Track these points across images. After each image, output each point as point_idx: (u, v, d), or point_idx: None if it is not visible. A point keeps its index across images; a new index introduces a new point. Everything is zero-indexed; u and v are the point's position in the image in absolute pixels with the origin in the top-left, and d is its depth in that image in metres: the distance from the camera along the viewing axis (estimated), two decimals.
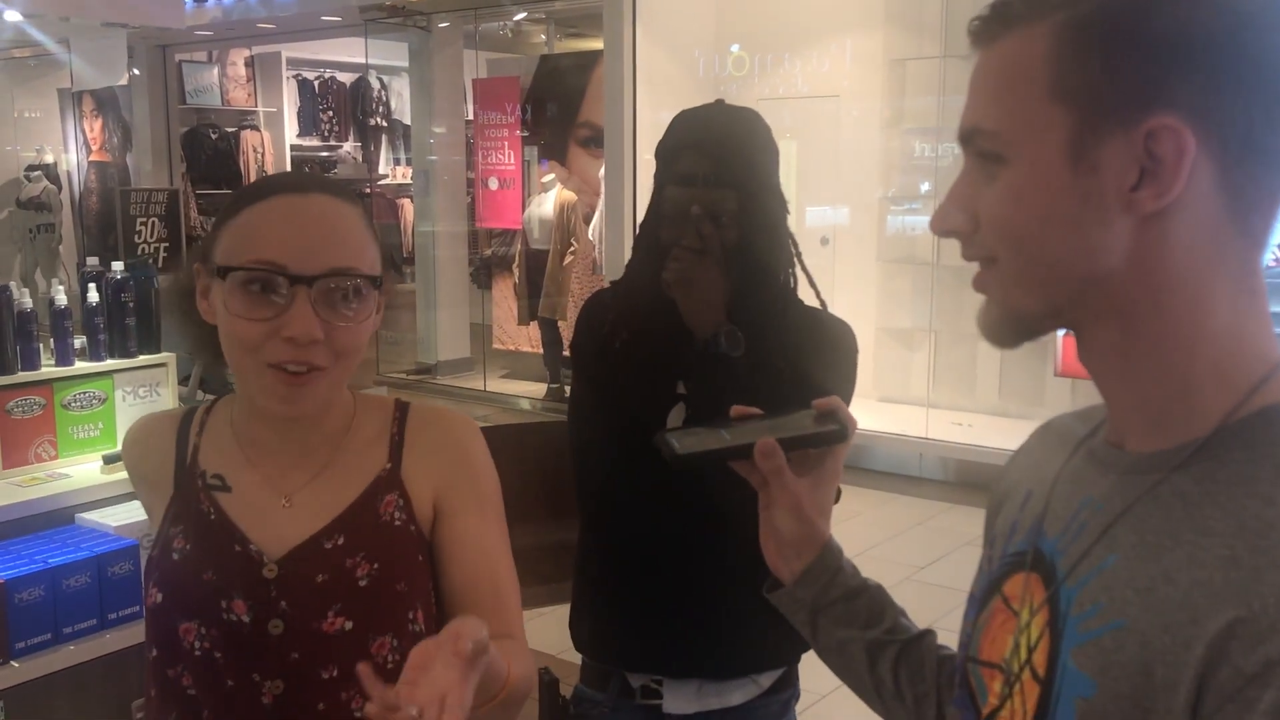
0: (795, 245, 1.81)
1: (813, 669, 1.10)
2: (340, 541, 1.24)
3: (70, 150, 13.42)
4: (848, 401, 1.73)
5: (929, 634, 1.07)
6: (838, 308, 1.86)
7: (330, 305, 1.17)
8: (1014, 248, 0.79)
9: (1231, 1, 0.72)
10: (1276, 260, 5.57)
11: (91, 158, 12.99)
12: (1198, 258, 0.75)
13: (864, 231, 7.23)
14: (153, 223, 6.11)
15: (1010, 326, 0.82)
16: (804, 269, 1.82)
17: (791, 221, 1.83)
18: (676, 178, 1.71)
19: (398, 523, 1.27)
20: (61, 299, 2.82)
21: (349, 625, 1.22)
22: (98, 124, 12.85)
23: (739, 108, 1.81)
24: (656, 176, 1.77)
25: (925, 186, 7.07)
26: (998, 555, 0.92)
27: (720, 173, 1.68)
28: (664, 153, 1.76)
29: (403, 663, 1.23)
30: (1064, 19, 0.75)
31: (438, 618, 1.30)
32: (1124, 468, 0.80)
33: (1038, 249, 0.77)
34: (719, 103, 1.82)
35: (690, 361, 1.73)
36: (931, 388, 6.89)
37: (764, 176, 1.74)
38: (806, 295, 1.83)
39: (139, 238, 6.02)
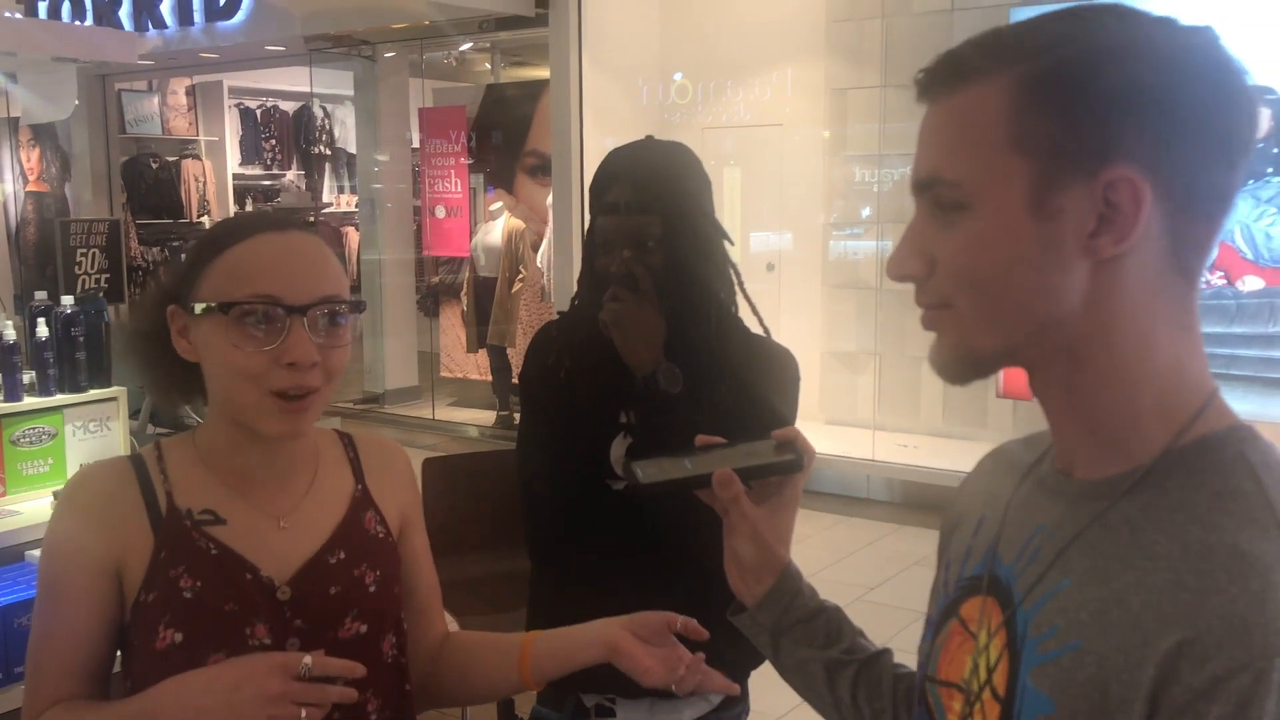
0: (737, 273, 1.85)
1: (770, 690, 1.14)
2: (342, 556, 1.33)
3: (6, 180, 13.20)
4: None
5: (886, 653, 1.11)
6: (783, 332, 1.91)
7: (320, 331, 1.25)
8: (976, 292, 0.82)
9: (1176, 58, 0.76)
10: (1207, 284, 5.75)
11: (28, 188, 12.79)
12: (1144, 297, 0.79)
13: (808, 257, 7.34)
14: (93, 254, 6.03)
15: (965, 365, 0.86)
16: (746, 296, 1.86)
17: (736, 248, 1.88)
18: (602, 208, 1.77)
19: (381, 535, 1.38)
20: (10, 334, 2.80)
21: (364, 629, 1.32)
22: (35, 153, 12.67)
23: (666, 141, 1.86)
24: (590, 213, 1.83)
25: (866, 212, 7.19)
26: (953, 579, 0.96)
27: (641, 199, 1.73)
28: (592, 188, 1.82)
29: (401, 658, 1.37)
30: (1021, 74, 0.78)
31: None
32: (1073, 495, 0.84)
33: (1000, 293, 0.81)
34: (647, 139, 1.87)
35: (631, 394, 1.77)
36: (877, 410, 6.99)
37: (691, 202, 1.78)
38: (751, 322, 1.88)
39: (79, 269, 5.95)
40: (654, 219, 1.73)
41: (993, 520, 0.93)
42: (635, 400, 1.77)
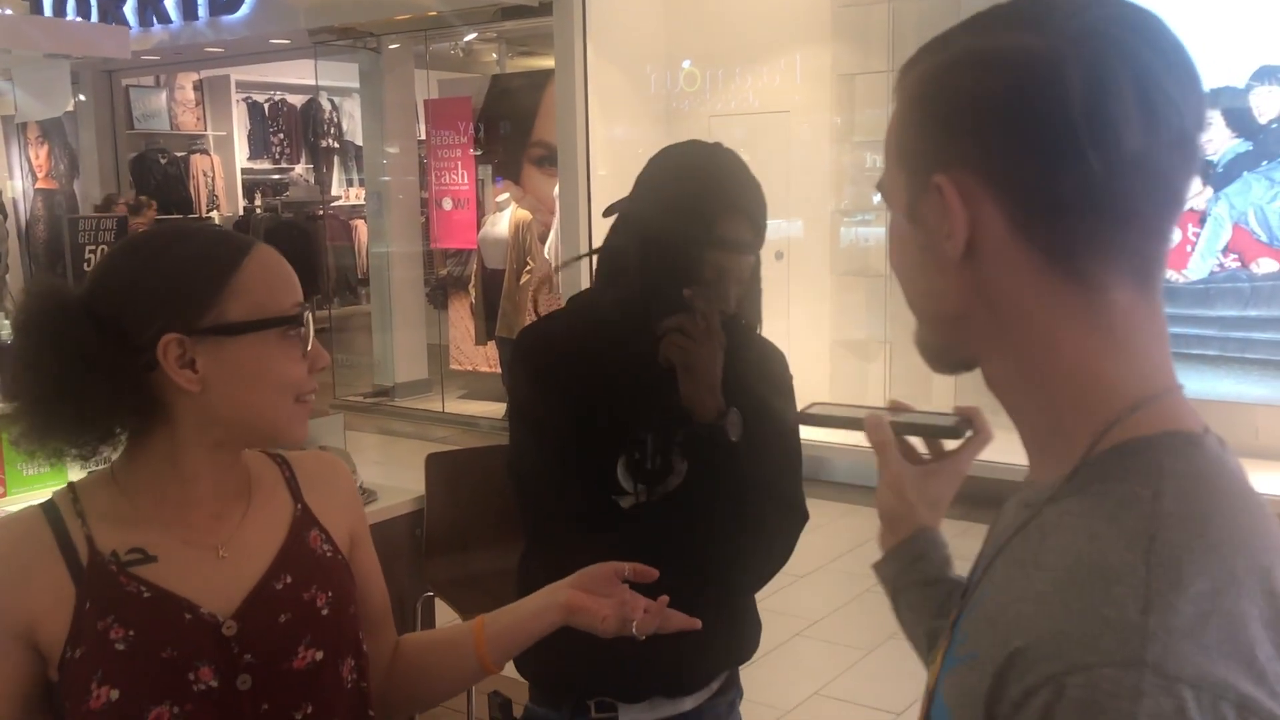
0: None
1: (780, 683, 1.10)
2: (289, 580, 1.26)
3: (15, 178, 13.25)
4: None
5: None
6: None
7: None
8: (902, 288, 0.88)
9: (1012, 66, 0.76)
10: (1221, 267, 5.69)
11: (38, 185, 12.83)
12: (1026, 301, 0.79)
13: (817, 245, 7.28)
14: (102, 250, 6.05)
15: (925, 355, 0.90)
16: None
17: None
18: (720, 242, 1.64)
19: (329, 554, 1.32)
20: (8, 333, 2.78)
21: (320, 655, 1.25)
22: (43, 151, 12.71)
23: (736, 155, 1.75)
24: (681, 230, 1.64)
25: (877, 198, 7.13)
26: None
27: (757, 239, 1.71)
28: (698, 209, 1.65)
29: (362, 682, 1.31)
30: (906, 84, 0.84)
31: None
32: (1021, 501, 0.84)
33: (910, 291, 0.87)
34: (719, 147, 1.74)
35: (652, 419, 1.70)
36: (888, 399, 6.92)
37: None
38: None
39: (88, 265, 5.96)
40: (755, 258, 1.72)
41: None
42: (692, 445, 1.70)
